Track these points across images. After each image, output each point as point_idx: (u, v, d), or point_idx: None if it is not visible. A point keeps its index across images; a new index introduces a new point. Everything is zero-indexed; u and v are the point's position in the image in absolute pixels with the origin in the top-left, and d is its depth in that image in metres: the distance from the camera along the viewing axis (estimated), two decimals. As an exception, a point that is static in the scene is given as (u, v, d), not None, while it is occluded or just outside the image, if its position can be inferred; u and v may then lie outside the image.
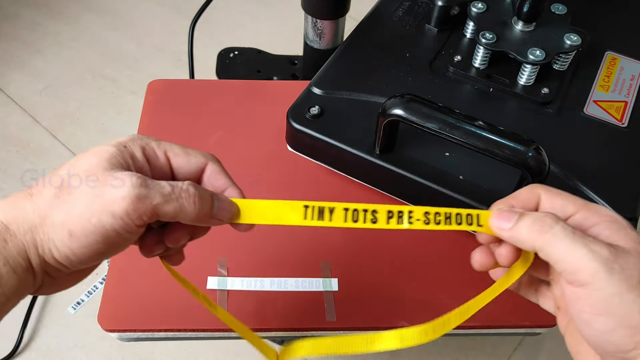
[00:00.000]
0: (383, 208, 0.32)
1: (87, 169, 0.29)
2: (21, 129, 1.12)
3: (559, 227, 0.28)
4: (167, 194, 0.29)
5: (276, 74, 0.83)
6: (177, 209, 0.30)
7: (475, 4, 0.53)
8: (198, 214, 0.31)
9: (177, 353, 0.87)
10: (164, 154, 0.32)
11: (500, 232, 0.31)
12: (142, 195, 0.28)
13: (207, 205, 0.31)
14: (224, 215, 0.33)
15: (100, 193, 0.28)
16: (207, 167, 0.33)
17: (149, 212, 0.29)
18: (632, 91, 0.54)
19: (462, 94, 0.53)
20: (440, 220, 0.32)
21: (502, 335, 0.88)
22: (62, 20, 1.31)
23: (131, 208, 0.28)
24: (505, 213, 0.31)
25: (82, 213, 0.28)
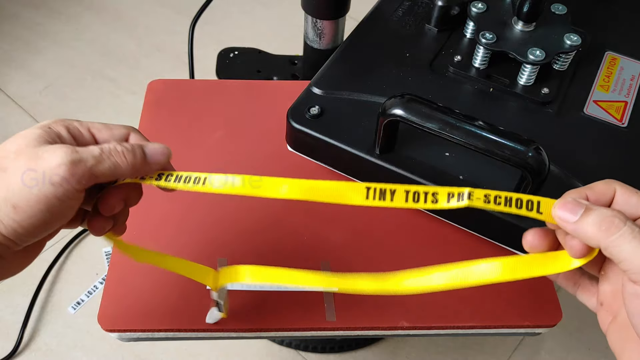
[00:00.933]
0: (444, 190, 0.32)
1: (16, 149, 0.31)
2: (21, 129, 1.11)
3: (627, 227, 0.29)
4: (98, 155, 0.31)
5: (276, 74, 0.83)
6: (112, 166, 0.32)
7: (475, 4, 0.53)
8: (133, 164, 0.33)
9: (177, 353, 0.87)
10: (87, 131, 0.34)
11: (563, 224, 0.31)
12: (76, 160, 0.30)
13: (138, 155, 0.33)
14: (160, 158, 0.34)
15: (35, 165, 0.30)
16: (130, 137, 0.35)
17: (86, 175, 0.31)
18: (632, 91, 0.54)
19: (462, 94, 0.53)
20: (501, 202, 0.32)
21: (502, 335, 0.88)
22: (62, 20, 1.31)
23: (68, 174, 0.30)
24: (570, 204, 0.30)
25: (20, 188, 0.30)
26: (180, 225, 0.51)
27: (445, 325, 0.47)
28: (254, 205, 0.53)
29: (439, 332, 0.48)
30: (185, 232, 0.51)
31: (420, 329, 0.47)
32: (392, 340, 0.90)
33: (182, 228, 0.51)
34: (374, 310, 0.47)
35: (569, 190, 0.33)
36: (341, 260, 0.50)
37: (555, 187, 0.47)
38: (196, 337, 0.47)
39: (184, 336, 0.47)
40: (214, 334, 0.47)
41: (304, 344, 0.88)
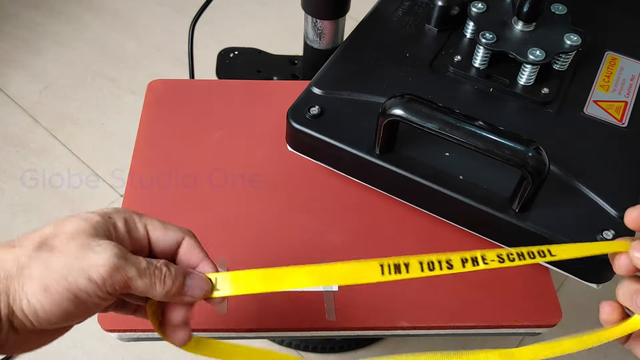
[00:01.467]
0: (457, 256, 0.33)
1: (72, 231, 0.31)
2: (21, 129, 1.12)
3: None
4: (142, 270, 0.31)
5: (276, 74, 0.83)
6: (148, 285, 0.31)
7: (475, 4, 0.53)
8: (167, 292, 0.32)
9: (177, 353, 0.87)
10: (144, 227, 0.34)
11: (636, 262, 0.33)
12: (119, 266, 0.30)
13: (177, 284, 0.33)
14: (196, 293, 0.34)
15: (81, 256, 0.30)
16: (184, 242, 0.35)
17: (122, 283, 0.30)
18: (632, 91, 0.54)
19: (462, 94, 0.53)
20: (514, 259, 0.33)
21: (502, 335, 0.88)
22: (62, 20, 1.31)
23: (107, 275, 0.30)
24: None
25: (59, 270, 0.29)
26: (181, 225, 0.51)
27: (445, 325, 0.47)
28: (254, 206, 0.53)
29: (439, 332, 0.48)
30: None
31: (420, 329, 0.47)
32: (392, 340, 0.90)
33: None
34: (374, 310, 0.47)
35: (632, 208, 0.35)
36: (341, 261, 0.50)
37: (555, 187, 0.47)
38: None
39: (184, 336, 0.47)
40: (214, 334, 0.47)
41: (304, 344, 0.88)
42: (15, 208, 1.01)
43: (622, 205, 0.46)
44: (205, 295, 0.34)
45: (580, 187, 0.47)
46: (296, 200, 0.53)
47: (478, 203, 0.46)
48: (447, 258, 0.33)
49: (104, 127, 1.13)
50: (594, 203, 0.46)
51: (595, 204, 0.46)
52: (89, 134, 1.11)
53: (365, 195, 0.53)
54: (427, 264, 0.33)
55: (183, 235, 0.35)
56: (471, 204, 0.46)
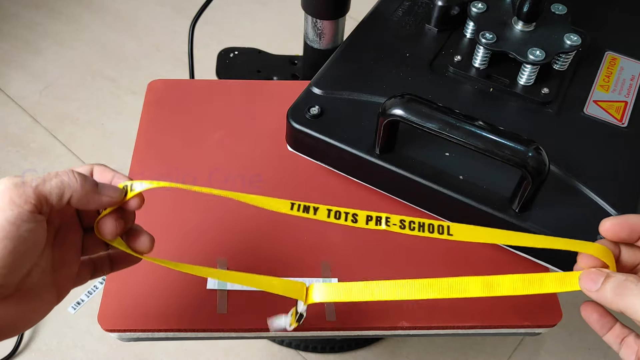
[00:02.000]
0: (363, 213, 0.36)
1: None
2: (21, 129, 1.12)
3: (637, 288, 0.32)
4: (44, 176, 0.32)
5: (276, 74, 0.83)
6: (59, 184, 0.31)
7: (475, 4, 0.53)
8: (82, 185, 0.32)
9: (177, 353, 0.87)
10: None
11: (588, 293, 0.35)
12: (18, 182, 0.30)
13: (89, 182, 0.33)
14: (111, 192, 0.34)
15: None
16: (94, 169, 0.36)
17: (32, 194, 0.30)
18: (632, 91, 0.54)
19: (462, 94, 0.53)
20: (415, 227, 0.35)
21: (502, 335, 0.88)
22: (62, 20, 1.31)
23: (13, 194, 0.30)
24: (593, 275, 0.34)
25: None
26: (181, 225, 0.51)
27: (445, 325, 0.47)
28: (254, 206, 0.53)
29: (439, 332, 0.48)
30: (185, 232, 0.51)
31: (420, 329, 0.47)
32: (392, 340, 0.90)
33: (182, 228, 0.51)
34: (374, 310, 0.47)
35: (607, 219, 0.36)
36: (341, 260, 0.50)
37: (555, 187, 0.47)
38: (196, 337, 0.47)
39: (184, 336, 0.47)
40: (214, 334, 0.47)
41: (304, 344, 0.88)
42: (15, 208, 1.01)
43: (622, 205, 0.46)
44: (120, 197, 0.34)
45: (580, 187, 0.47)
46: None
47: (478, 203, 0.46)
48: (354, 212, 0.36)
49: (104, 127, 1.13)
50: (594, 203, 0.46)
51: (595, 204, 0.46)
52: (89, 134, 1.11)
53: (365, 195, 0.53)
54: (335, 213, 0.36)
55: (92, 166, 0.36)
56: (471, 204, 0.46)
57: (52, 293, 0.35)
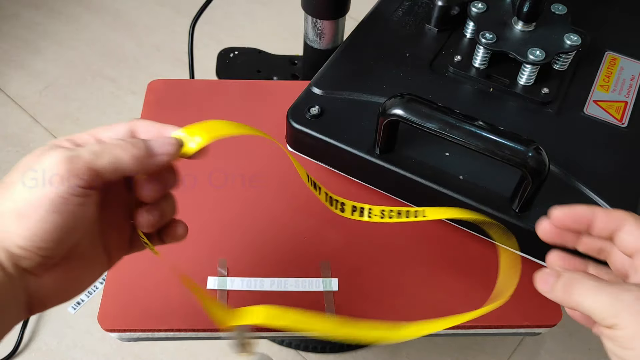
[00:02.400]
0: (349, 203, 0.40)
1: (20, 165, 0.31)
2: (21, 129, 1.12)
3: (584, 286, 0.32)
4: (96, 150, 0.30)
5: (276, 74, 0.83)
6: (112, 159, 0.30)
7: (475, 4, 0.53)
8: (136, 156, 0.31)
9: (177, 353, 0.87)
10: (91, 136, 0.33)
11: (544, 294, 0.35)
12: (72, 156, 0.29)
13: (141, 147, 0.31)
14: (167, 149, 0.32)
15: (31, 169, 0.29)
16: (136, 126, 0.34)
17: (84, 169, 0.29)
18: (632, 91, 0.54)
19: (462, 94, 0.53)
20: (393, 215, 0.39)
21: (502, 335, 0.88)
22: (62, 20, 1.31)
23: (65, 170, 0.29)
24: (546, 276, 0.35)
25: (22, 192, 0.29)
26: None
27: (445, 325, 0.47)
28: (255, 206, 0.53)
29: (439, 332, 0.48)
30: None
31: (420, 329, 0.47)
32: (392, 340, 0.90)
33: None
34: (374, 310, 0.47)
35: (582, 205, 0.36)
36: (341, 261, 0.50)
37: (555, 187, 0.47)
38: (196, 337, 0.47)
39: (184, 336, 0.47)
40: (214, 334, 0.47)
41: (304, 344, 0.88)
42: (15, 208, 1.01)
43: (622, 205, 0.46)
44: (178, 150, 0.33)
45: (580, 187, 0.47)
46: (296, 200, 0.53)
47: (478, 203, 0.46)
48: (342, 201, 0.40)
49: (104, 127, 1.12)
50: (594, 203, 0.46)
51: (595, 204, 0.46)
52: (89, 134, 1.11)
53: (365, 195, 0.53)
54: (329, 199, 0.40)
55: (132, 123, 0.34)
56: (471, 204, 0.46)
57: (102, 258, 0.34)
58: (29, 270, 0.30)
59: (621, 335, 0.30)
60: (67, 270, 0.32)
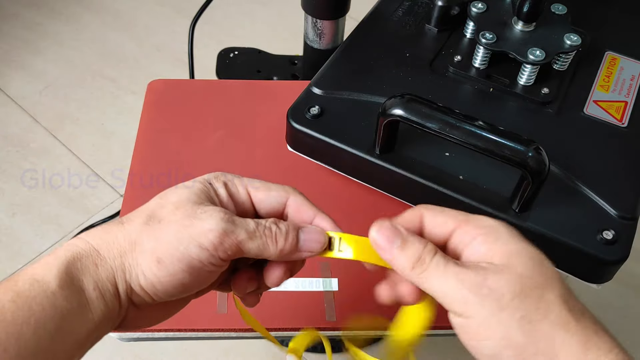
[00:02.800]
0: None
1: (177, 201, 0.31)
2: (21, 129, 1.12)
3: (433, 263, 0.28)
4: (251, 231, 0.30)
5: (276, 74, 0.83)
6: (261, 247, 0.30)
7: (475, 4, 0.53)
8: (281, 250, 0.31)
9: (177, 353, 0.87)
10: (244, 189, 0.33)
11: (379, 251, 0.30)
12: (229, 230, 0.29)
13: (290, 240, 0.31)
14: (313, 247, 0.32)
15: (189, 224, 0.29)
16: (290, 200, 0.33)
17: (234, 247, 0.30)
18: (632, 91, 0.54)
19: (462, 94, 0.53)
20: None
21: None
22: (63, 20, 1.31)
23: (218, 241, 0.29)
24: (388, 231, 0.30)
25: (170, 241, 0.29)
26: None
27: (445, 325, 0.47)
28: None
29: (439, 332, 0.48)
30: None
31: (420, 329, 0.47)
32: (392, 340, 0.90)
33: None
34: (374, 310, 0.47)
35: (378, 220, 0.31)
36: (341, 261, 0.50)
37: (555, 187, 0.47)
38: (196, 337, 0.47)
39: (184, 336, 0.47)
40: (214, 334, 0.47)
41: (304, 344, 0.88)
42: (15, 208, 1.01)
43: (622, 205, 0.46)
44: (323, 249, 0.32)
45: (580, 187, 0.47)
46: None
47: (478, 203, 0.46)
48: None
49: (104, 127, 1.13)
50: (594, 203, 0.46)
51: (595, 204, 0.46)
52: (89, 134, 1.11)
53: (365, 195, 0.53)
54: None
55: (287, 194, 0.33)
56: (471, 204, 0.46)
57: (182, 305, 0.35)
58: (135, 303, 0.31)
59: (473, 323, 0.27)
60: (165, 308, 0.33)
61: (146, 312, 0.32)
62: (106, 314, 0.29)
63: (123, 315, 0.31)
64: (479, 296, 0.27)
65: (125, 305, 0.30)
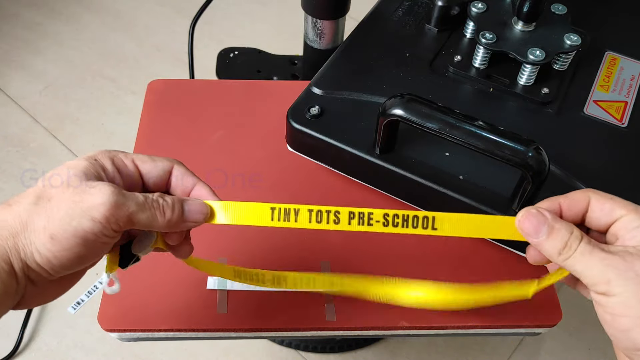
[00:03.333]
0: (345, 210, 0.35)
1: (65, 179, 0.32)
2: (21, 129, 1.12)
3: (579, 250, 0.31)
4: (141, 203, 0.32)
5: (276, 74, 0.83)
6: (150, 218, 0.33)
7: (475, 4, 0.53)
8: (169, 221, 0.33)
9: (177, 353, 0.87)
10: (132, 162, 0.35)
11: (526, 237, 0.33)
12: (120, 203, 0.31)
13: (176, 211, 0.34)
14: (197, 218, 0.35)
15: (80, 200, 0.31)
16: (174, 170, 0.36)
17: (125, 218, 0.31)
18: (632, 91, 0.54)
19: (462, 94, 0.53)
20: (398, 223, 0.35)
21: (502, 335, 0.88)
22: (63, 20, 1.31)
23: (110, 213, 0.30)
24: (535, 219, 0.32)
25: (62, 217, 0.30)
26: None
27: (445, 325, 0.47)
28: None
29: (439, 332, 0.48)
30: (185, 232, 0.51)
31: (420, 329, 0.47)
32: (392, 340, 0.90)
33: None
34: (374, 310, 0.47)
35: (546, 199, 0.34)
36: (341, 261, 0.50)
37: (555, 187, 0.47)
38: (196, 337, 0.47)
39: (184, 336, 0.47)
40: (214, 334, 0.47)
41: (304, 344, 0.88)
42: (15, 208, 1.01)
43: (622, 205, 0.46)
44: (207, 218, 0.35)
45: (580, 187, 0.47)
46: (296, 200, 0.53)
47: (478, 203, 0.46)
48: (335, 210, 0.34)
49: (104, 127, 1.13)
50: (594, 203, 0.46)
51: (595, 204, 0.46)
52: (89, 134, 1.11)
53: (365, 195, 0.53)
54: (316, 214, 0.35)
55: (172, 164, 0.36)
56: (471, 204, 0.46)
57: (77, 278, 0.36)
58: (33, 280, 0.32)
59: (614, 302, 0.30)
60: (60, 284, 0.34)
61: (43, 289, 0.33)
62: (3, 293, 0.30)
63: (21, 292, 0.32)
64: (623, 279, 0.29)
65: (22, 283, 0.31)
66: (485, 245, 0.50)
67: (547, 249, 0.32)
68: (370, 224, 0.35)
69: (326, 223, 0.35)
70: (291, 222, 0.35)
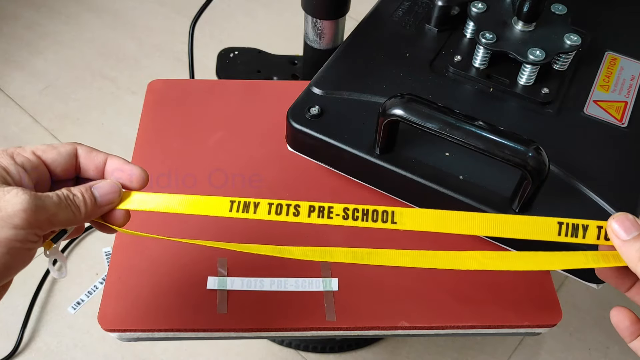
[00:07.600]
0: (305, 203, 0.35)
1: None
2: (21, 129, 1.12)
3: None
4: (57, 203, 0.32)
5: (276, 74, 0.83)
6: (69, 215, 0.32)
7: (475, 4, 0.53)
8: (86, 214, 0.33)
9: (177, 353, 0.87)
10: (33, 155, 0.34)
11: (612, 236, 0.33)
12: (39, 206, 0.30)
13: (89, 202, 0.34)
14: (111, 198, 0.35)
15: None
16: (78, 151, 0.36)
17: (46, 221, 0.31)
18: (632, 91, 0.54)
19: (462, 94, 0.53)
20: (358, 217, 0.34)
21: (502, 335, 0.88)
22: (62, 20, 1.31)
23: (32, 218, 0.30)
24: (628, 222, 0.32)
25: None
26: (181, 224, 0.51)
27: (445, 325, 0.47)
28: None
29: (439, 332, 0.48)
30: (185, 232, 0.51)
31: (420, 329, 0.47)
32: (392, 340, 0.90)
33: (182, 227, 0.51)
34: (374, 310, 0.47)
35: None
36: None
37: (555, 187, 0.47)
38: (196, 337, 0.47)
39: (184, 336, 0.47)
40: (214, 334, 0.47)
41: (304, 344, 0.88)
42: (15, 208, 1.01)
43: (622, 205, 0.46)
44: (119, 200, 0.35)
45: (580, 187, 0.47)
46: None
47: (478, 203, 0.46)
48: (296, 204, 0.35)
49: (104, 127, 1.13)
50: (594, 203, 0.46)
51: (595, 204, 0.46)
52: (89, 134, 1.11)
53: (365, 195, 0.53)
54: (276, 207, 0.35)
55: (74, 145, 0.35)
56: (471, 204, 0.46)
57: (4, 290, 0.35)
58: None
59: None
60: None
61: None
62: None
63: None
64: None
65: None
66: (485, 246, 0.50)
67: (630, 251, 0.32)
68: (330, 217, 0.35)
69: (285, 215, 0.35)
70: (250, 214, 0.35)
